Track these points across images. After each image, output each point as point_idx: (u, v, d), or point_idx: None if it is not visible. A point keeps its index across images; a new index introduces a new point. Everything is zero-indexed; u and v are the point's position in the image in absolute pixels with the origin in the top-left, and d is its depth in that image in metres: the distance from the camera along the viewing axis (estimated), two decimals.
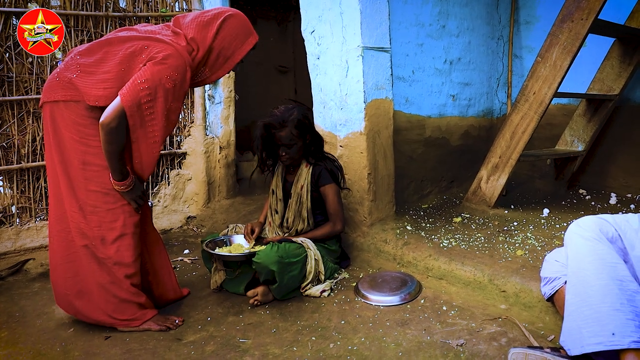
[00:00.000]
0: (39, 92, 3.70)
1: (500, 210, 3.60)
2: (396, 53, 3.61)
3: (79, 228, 2.26)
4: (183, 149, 4.34)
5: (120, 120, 2.08)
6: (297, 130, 2.74)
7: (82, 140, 2.20)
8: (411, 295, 2.54)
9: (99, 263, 2.29)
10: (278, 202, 2.92)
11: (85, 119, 2.19)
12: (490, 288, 2.50)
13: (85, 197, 2.24)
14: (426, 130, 4.02)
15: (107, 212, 2.26)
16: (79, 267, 2.31)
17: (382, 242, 3.13)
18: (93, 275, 2.30)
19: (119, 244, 2.28)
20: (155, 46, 2.17)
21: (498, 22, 4.55)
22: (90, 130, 2.19)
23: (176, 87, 2.17)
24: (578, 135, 3.92)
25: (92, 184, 2.23)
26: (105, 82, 2.16)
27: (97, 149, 2.20)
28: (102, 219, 2.26)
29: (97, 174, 2.23)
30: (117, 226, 2.27)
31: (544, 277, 2.11)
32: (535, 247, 2.83)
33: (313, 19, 3.32)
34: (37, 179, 3.76)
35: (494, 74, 4.62)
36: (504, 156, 3.57)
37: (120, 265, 2.29)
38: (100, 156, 2.20)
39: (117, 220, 2.27)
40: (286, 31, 7.48)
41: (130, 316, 2.34)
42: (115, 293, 2.30)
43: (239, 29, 2.39)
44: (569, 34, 3.25)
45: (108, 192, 2.25)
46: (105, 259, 2.27)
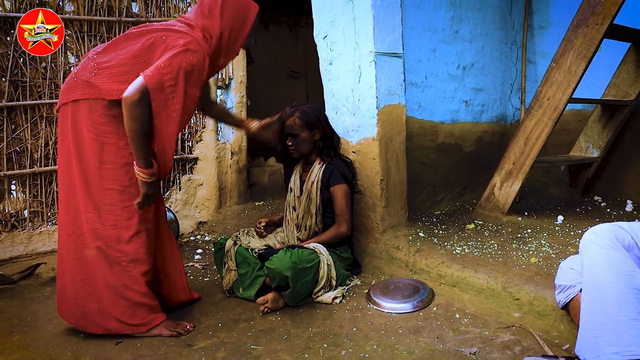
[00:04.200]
0: (52, 97, 3.75)
1: (513, 217, 3.58)
2: (409, 58, 3.62)
3: (94, 229, 2.28)
4: (195, 154, 4.36)
5: (142, 95, 2.11)
6: (301, 121, 2.86)
7: (99, 139, 2.24)
8: (424, 302, 2.54)
9: (111, 265, 2.30)
10: (295, 199, 2.96)
11: (103, 117, 2.23)
12: (503, 296, 2.49)
13: (102, 196, 2.27)
14: (439, 136, 4.02)
15: (123, 210, 2.28)
16: (90, 270, 2.33)
17: (394, 249, 3.12)
18: (104, 278, 2.31)
19: (135, 241, 2.31)
20: (174, 36, 2.25)
21: (512, 27, 4.54)
22: (107, 127, 2.24)
23: (195, 72, 2.23)
24: (593, 141, 3.90)
25: (108, 182, 2.26)
26: (126, 74, 2.21)
27: (113, 147, 2.25)
28: (118, 217, 2.28)
29: (113, 172, 2.27)
30: (133, 224, 2.30)
31: (559, 284, 2.10)
32: (549, 254, 2.81)
33: (325, 24, 3.34)
34: (49, 183, 3.80)
35: (507, 80, 4.60)
36: (517, 162, 3.56)
37: (136, 263, 2.31)
38: (116, 154, 2.25)
39: (133, 217, 2.30)
40: (297, 36, 7.51)
41: (140, 321, 2.35)
42: (126, 295, 2.32)
43: (239, 4, 2.45)
44: (584, 39, 3.24)
45: (124, 190, 2.28)
46: (121, 257, 2.29)
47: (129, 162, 2.27)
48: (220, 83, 4.37)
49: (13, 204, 3.71)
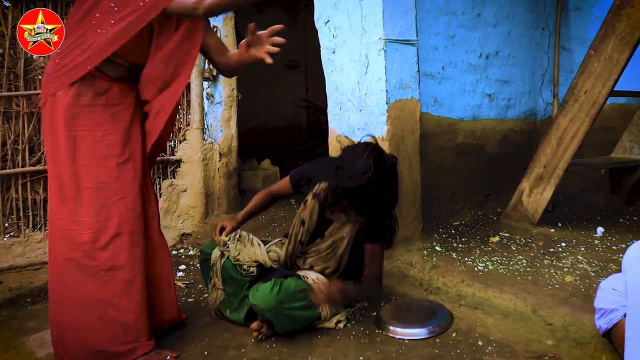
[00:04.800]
0: (10, 88, 3.72)
1: (545, 228, 3.57)
2: (423, 46, 3.60)
3: (68, 237, 2.26)
4: (177, 156, 4.36)
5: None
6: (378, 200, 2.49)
7: (71, 134, 2.24)
8: (441, 327, 2.52)
9: (88, 276, 2.26)
10: (307, 234, 2.70)
11: (73, 107, 2.25)
12: (534, 320, 2.47)
13: (77, 196, 2.25)
14: (458, 136, 4.01)
15: (101, 210, 2.27)
16: (65, 285, 2.28)
17: (406, 265, 3.11)
18: (78, 294, 2.26)
19: (114, 246, 2.27)
20: None
21: (543, 10, 4.55)
22: (79, 120, 2.25)
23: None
24: (639, 141, 3.89)
25: (84, 180, 2.26)
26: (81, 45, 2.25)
27: (88, 139, 2.26)
28: (96, 219, 2.26)
29: (89, 168, 2.26)
30: (112, 224, 2.28)
31: (599, 308, 2.08)
32: (587, 272, 2.80)
33: (328, 7, 3.34)
34: (7, 188, 3.77)
35: (537, 70, 4.60)
36: (549, 166, 3.55)
37: (116, 270, 2.27)
38: (90, 149, 2.25)
39: (112, 217, 2.28)
40: (296, 21, 7.55)
41: (119, 348, 2.29)
42: (104, 313, 2.27)
43: None
44: (628, 22, 3.23)
45: (102, 188, 2.27)
46: (97, 266, 2.25)
47: (107, 156, 2.27)
48: (207, 74, 4.37)
49: None
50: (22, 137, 3.77)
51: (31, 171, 3.80)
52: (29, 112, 3.77)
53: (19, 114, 3.76)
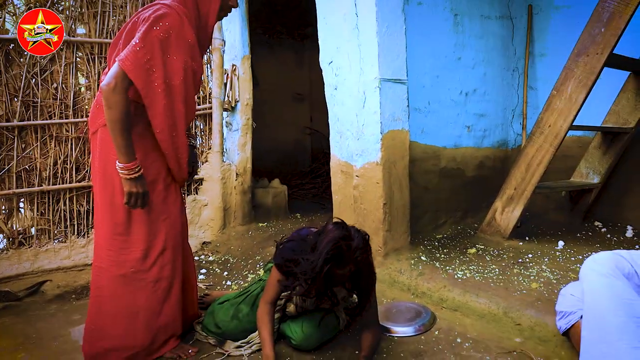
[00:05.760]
0: (62, 117, 3.79)
1: (515, 241, 3.59)
2: (412, 84, 3.64)
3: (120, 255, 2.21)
4: (200, 175, 4.39)
5: (118, 81, 1.98)
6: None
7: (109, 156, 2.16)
8: (425, 326, 2.54)
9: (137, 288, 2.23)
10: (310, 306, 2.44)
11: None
12: (505, 321, 2.49)
13: (129, 218, 2.20)
14: (441, 161, 4.04)
15: (150, 229, 2.22)
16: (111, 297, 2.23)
17: (396, 272, 3.13)
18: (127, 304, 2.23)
19: (161, 260, 2.25)
20: (145, 11, 2.13)
21: (513, 54, 4.60)
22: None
23: (172, 37, 2.09)
24: (593, 168, 3.92)
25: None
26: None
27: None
28: (146, 237, 2.22)
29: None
30: (159, 242, 2.25)
31: (560, 311, 2.11)
32: (550, 279, 2.82)
33: (331, 50, 3.39)
34: (57, 201, 3.82)
35: (509, 106, 4.64)
36: (519, 188, 3.58)
37: (161, 281, 2.25)
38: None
39: (159, 235, 2.25)
40: (302, 59, 7.61)
41: (156, 346, 2.29)
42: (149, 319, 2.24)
43: None
44: (585, 68, 3.28)
45: (151, 209, 2.22)
46: (146, 279, 2.23)
47: (155, 180, 2.23)
48: (226, 105, 4.41)
49: (21, 222, 3.74)
50: (70, 157, 3.82)
51: (77, 187, 3.84)
52: (75, 137, 3.82)
53: (67, 138, 3.82)
